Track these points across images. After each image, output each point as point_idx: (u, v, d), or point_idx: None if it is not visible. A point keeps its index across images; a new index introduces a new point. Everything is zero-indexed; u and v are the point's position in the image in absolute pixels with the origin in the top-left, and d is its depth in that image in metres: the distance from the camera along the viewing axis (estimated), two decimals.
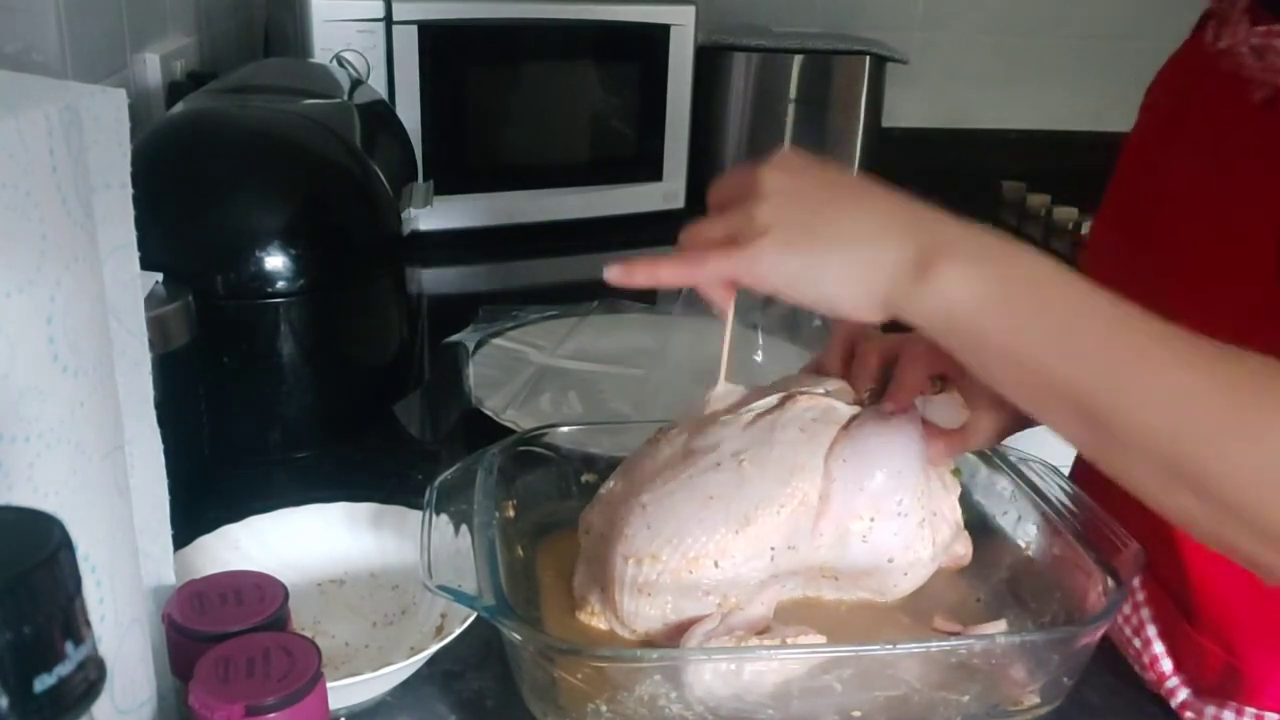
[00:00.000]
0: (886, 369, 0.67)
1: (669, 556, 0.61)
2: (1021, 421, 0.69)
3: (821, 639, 0.61)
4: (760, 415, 0.65)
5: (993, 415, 0.65)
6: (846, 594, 0.68)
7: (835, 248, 0.54)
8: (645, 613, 0.62)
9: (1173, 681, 0.69)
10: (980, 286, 0.52)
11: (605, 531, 0.65)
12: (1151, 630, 0.71)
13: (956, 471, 0.71)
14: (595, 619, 0.65)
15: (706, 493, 0.62)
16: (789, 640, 0.60)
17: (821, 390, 0.66)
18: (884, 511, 0.63)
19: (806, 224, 0.55)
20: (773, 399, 0.66)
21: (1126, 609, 0.71)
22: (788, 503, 0.62)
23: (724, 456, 0.64)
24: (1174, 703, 0.69)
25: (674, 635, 0.62)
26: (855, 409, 0.66)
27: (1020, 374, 0.52)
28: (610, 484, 0.68)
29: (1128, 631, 0.71)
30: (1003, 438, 0.68)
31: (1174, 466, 0.49)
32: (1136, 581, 0.71)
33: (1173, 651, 0.70)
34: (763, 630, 0.62)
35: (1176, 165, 0.71)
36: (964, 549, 0.70)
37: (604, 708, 0.57)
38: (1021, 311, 0.52)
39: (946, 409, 0.66)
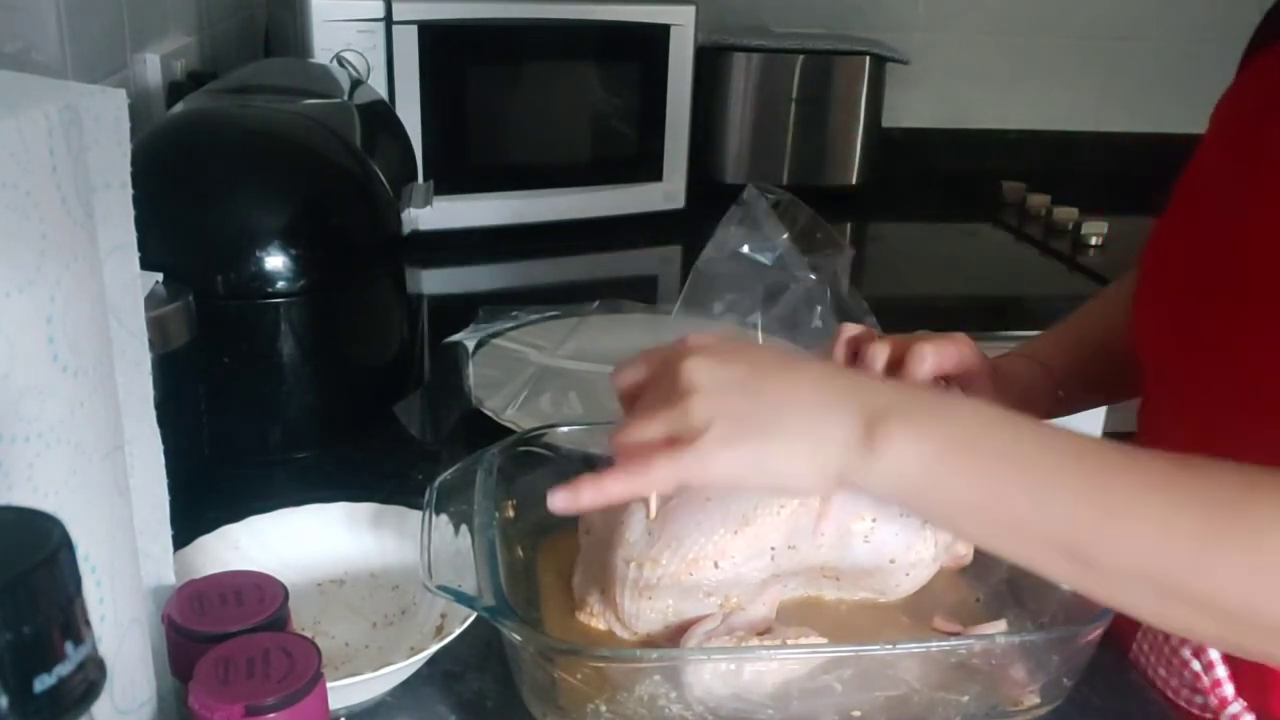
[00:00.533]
0: (893, 371, 0.68)
1: (669, 560, 0.61)
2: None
3: (822, 640, 0.61)
4: None
5: None
6: (848, 593, 0.68)
7: (781, 433, 0.53)
8: (646, 615, 0.62)
9: (1235, 707, 0.67)
10: (933, 445, 0.51)
11: (605, 534, 0.65)
12: (1214, 653, 0.67)
13: None
14: (595, 620, 0.65)
15: (704, 494, 0.62)
16: (789, 641, 0.60)
17: None
18: (886, 513, 0.63)
19: (747, 414, 0.53)
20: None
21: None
22: (788, 503, 0.62)
23: None
24: None
25: (675, 636, 0.62)
26: None
27: (994, 526, 0.53)
28: None
29: (1186, 653, 0.68)
30: None
31: (1166, 587, 0.49)
32: None
33: (1235, 676, 0.67)
34: (764, 631, 0.62)
35: (1259, 183, 0.68)
36: (965, 549, 0.70)
37: (604, 708, 0.57)
38: (982, 465, 0.52)
39: None
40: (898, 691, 0.60)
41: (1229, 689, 0.67)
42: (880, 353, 0.68)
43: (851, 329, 0.71)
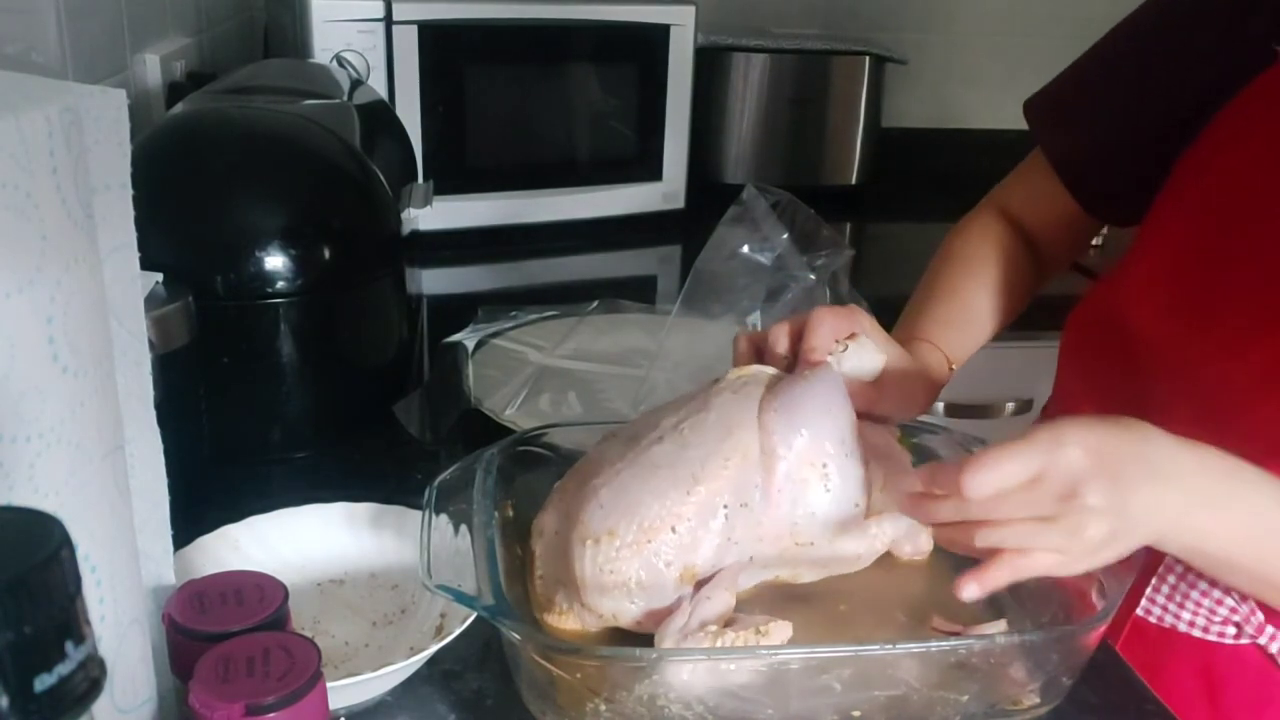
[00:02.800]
0: (796, 347, 0.72)
1: (625, 530, 0.62)
2: (927, 399, 0.78)
3: (788, 624, 0.61)
4: (695, 395, 0.68)
5: (900, 392, 0.73)
6: (820, 561, 0.67)
7: (1129, 542, 0.61)
8: (611, 593, 0.62)
9: (1270, 629, 0.74)
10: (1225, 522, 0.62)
11: (561, 527, 0.66)
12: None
13: (903, 440, 0.71)
14: (564, 617, 0.64)
15: (653, 464, 0.64)
16: (761, 628, 0.60)
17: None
18: (832, 455, 0.64)
19: (1120, 531, 0.59)
20: (705, 385, 0.70)
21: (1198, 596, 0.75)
22: (731, 455, 0.63)
23: (665, 430, 0.65)
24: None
25: (644, 620, 0.62)
26: (778, 372, 0.70)
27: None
28: (561, 483, 0.70)
29: (1217, 593, 0.74)
30: (916, 409, 0.77)
31: None
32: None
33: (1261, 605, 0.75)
34: (730, 622, 0.62)
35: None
36: (926, 543, 0.71)
37: (603, 707, 0.57)
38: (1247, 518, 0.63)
39: (860, 357, 0.70)
40: (897, 691, 0.60)
41: (1260, 615, 0.74)
42: (780, 334, 0.73)
43: (750, 336, 0.75)
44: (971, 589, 0.60)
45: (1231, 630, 0.74)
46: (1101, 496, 0.58)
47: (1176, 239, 0.77)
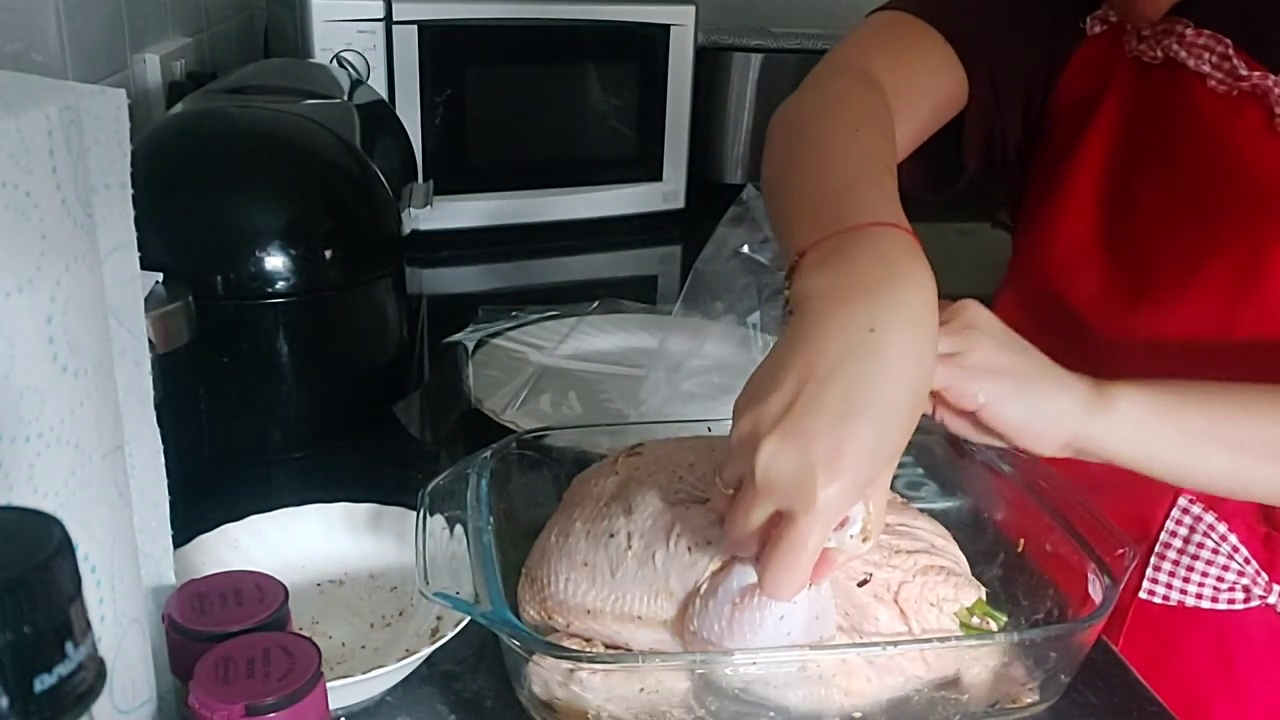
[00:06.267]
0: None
1: (562, 605, 0.62)
2: None
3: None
4: (685, 500, 0.62)
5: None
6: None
7: (1030, 387, 0.60)
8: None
9: (1276, 587, 0.76)
10: (1156, 389, 0.61)
11: (531, 566, 0.66)
12: (1245, 551, 0.76)
13: None
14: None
15: (582, 558, 0.62)
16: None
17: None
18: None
19: (1018, 363, 0.60)
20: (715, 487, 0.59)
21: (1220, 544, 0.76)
22: (649, 619, 0.60)
23: (619, 529, 0.62)
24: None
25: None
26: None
27: (1225, 444, 0.62)
28: (567, 497, 0.70)
29: (1222, 559, 0.76)
30: None
31: None
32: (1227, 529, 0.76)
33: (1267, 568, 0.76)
34: None
35: (1153, 167, 0.76)
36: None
37: (604, 713, 0.57)
38: (1197, 396, 0.61)
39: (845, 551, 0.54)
40: (899, 692, 0.60)
41: (1265, 576, 0.76)
42: (747, 545, 0.54)
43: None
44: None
45: (1240, 595, 0.75)
46: (986, 319, 0.61)
47: (1089, 217, 0.81)
